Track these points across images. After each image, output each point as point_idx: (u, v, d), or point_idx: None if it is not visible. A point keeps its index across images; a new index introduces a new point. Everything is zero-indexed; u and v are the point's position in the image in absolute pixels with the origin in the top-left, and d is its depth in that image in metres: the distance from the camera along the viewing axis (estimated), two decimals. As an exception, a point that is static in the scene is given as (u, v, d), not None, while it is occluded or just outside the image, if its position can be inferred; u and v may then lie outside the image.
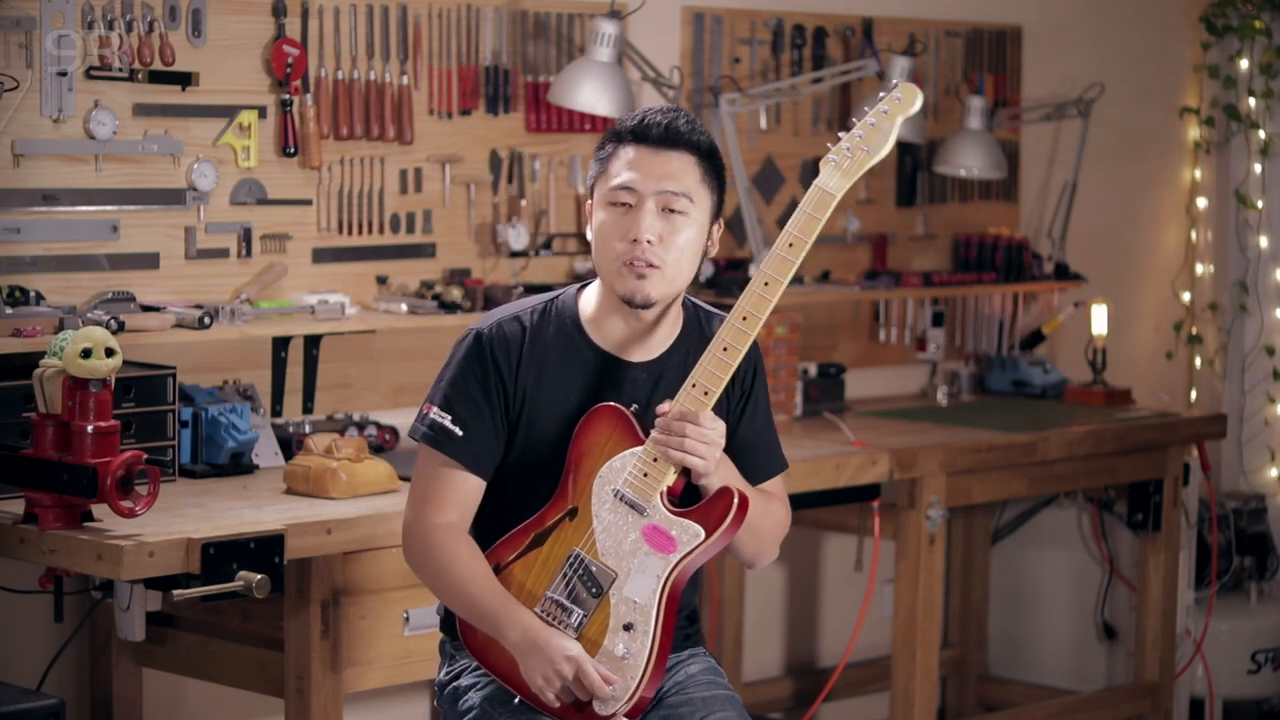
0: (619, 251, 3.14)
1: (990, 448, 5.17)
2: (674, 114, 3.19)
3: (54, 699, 3.73)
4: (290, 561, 3.81)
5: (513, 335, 3.20)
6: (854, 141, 3.12)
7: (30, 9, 4.22)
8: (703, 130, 3.20)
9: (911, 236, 6.00)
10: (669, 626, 3.10)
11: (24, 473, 3.75)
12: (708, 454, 3.10)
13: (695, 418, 3.09)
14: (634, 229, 3.13)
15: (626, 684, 3.08)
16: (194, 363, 4.44)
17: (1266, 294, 6.72)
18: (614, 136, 3.20)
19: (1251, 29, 6.62)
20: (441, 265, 4.91)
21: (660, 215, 3.14)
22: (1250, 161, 6.70)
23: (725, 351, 3.12)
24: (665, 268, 3.15)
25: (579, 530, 3.13)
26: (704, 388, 3.11)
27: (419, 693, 4.88)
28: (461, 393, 3.18)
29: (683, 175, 3.15)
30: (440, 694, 3.32)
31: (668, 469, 3.11)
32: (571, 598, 3.11)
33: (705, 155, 3.18)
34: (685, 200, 3.15)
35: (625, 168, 3.16)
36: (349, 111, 4.70)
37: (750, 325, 3.13)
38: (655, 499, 3.11)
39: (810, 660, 5.97)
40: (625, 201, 3.15)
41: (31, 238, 4.25)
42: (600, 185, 3.19)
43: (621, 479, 3.12)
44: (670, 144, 3.16)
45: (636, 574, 3.09)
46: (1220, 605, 6.13)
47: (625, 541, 3.11)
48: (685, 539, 3.11)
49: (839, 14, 5.74)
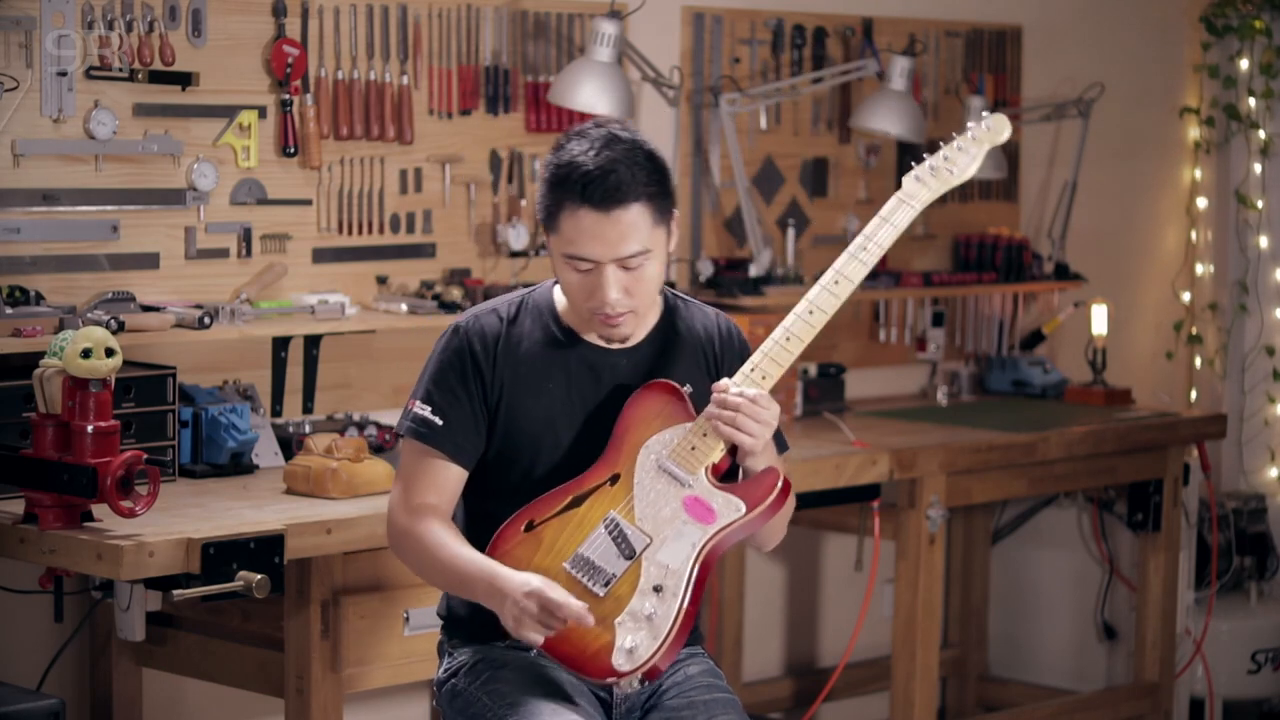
0: (587, 305, 3.18)
1: (990, 448, 5.17)
2: (609, 160, 3.10)
3: (54, 699, 3.73)
4: (290, 561, 3.81)
5: (490, 327, 3.25)
6: (940, 163, 3.22)
7: (30, 9, 4.22)
8: (640, 157, 3.13)
9: (911, 236, 6.00)
10: (697, 596, 3.10)
11: (24, 473, 3.75)
12: (758, 432, 3.13)
13: (752, 395, 3.13)
14: (598, 293, 3.15)
15: (650, 644, 3.06)
16: (194, 363, 4.44)
17: (1266, 294, 6.72)
18: (558, 186, 3.13)
19: (1251, 29, 6.62)
20: (441, 265, 4.91)
21: (622, 272, 3.14)
22: (1250, 161, 6.70)
23: (789, 341, 3.18)
24: (639, 309, 3.20)
25: (618, 495, 3.15)
26: (762, 372, 3.16)
27: (419, 693, 4.88)
28: (441, 385, 3.23)
29: (637, 233, 3.12)
30: (438, 692, 3.32)
31: (716, 444, 3.14)
32: (604, 558, 3.12)
33: (652, 193, 3.14)
34: (643, 253, 3.14)
35: (576, 234, 3.12)
36: (349, 111, 4.70)
37: (816, 320, 3.21)
38: (700, 472, 3.14)
39: (810, 660, 5.97)
40: (584, 269, 3.15)
41: (31, 238, 4.25)
42: (553, 241, 3.17)
43: (668, 451, 3.15)
44: (613, 204, 3.10)
45: (672, 540, 3.11)
46: (1220, 605, 6.13)
47: (664, 510, 3.13)
48: (726, 512, 3.13)
49: (839, 14, 5.74)
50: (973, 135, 3.23)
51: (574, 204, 3.11)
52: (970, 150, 3.23)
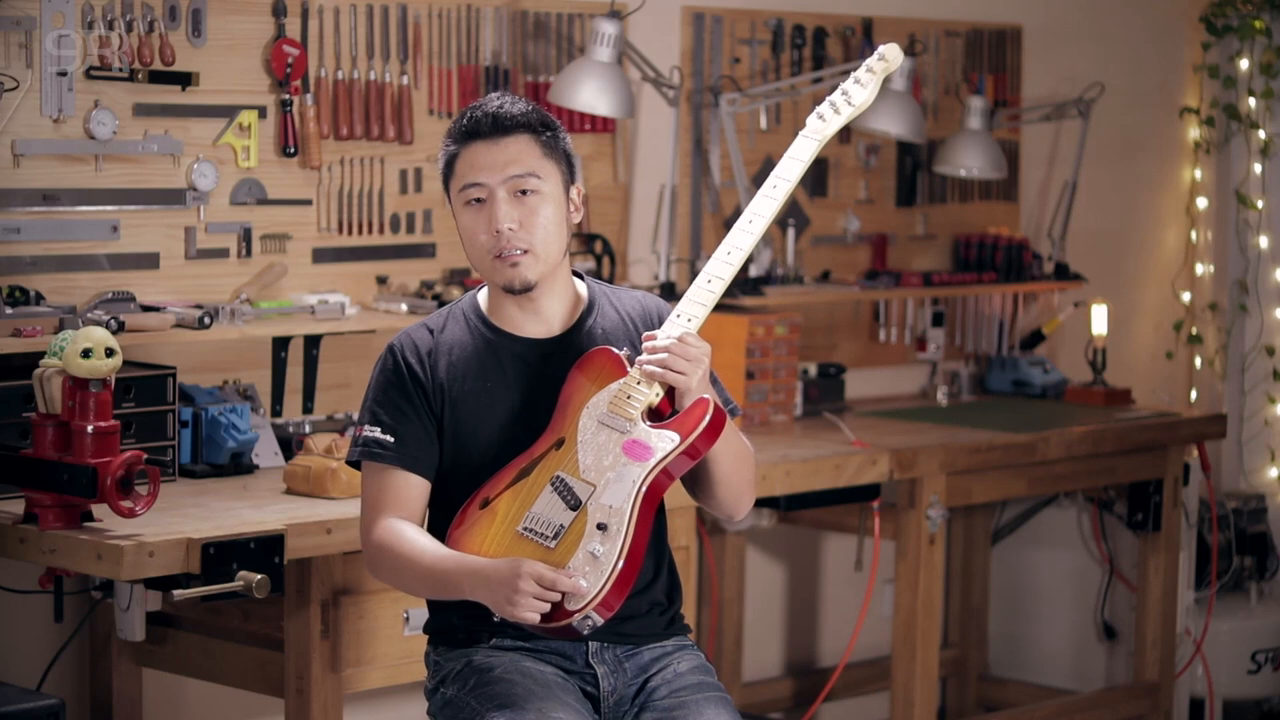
0: (486, 246, 3.24)
1: (990, 448, 5.17)
2: (499, 101, 3.27)
3: (54, 699, 3.73)
4: (290, 561, 3.82)
5: (421, 340, 3.31)
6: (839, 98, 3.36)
7: (30, 9, 4.22)
8: (532, 106, 3.29)
9: (911, 236, 6.00)
10: (643, 529, 3.13)
11: (24, 473, 3.75)
12: (689, 370, 3.18)
13: (678, 335, 3.19)
14: (493, 220, 3.22)
15: (596, 580, 3.09)
16: (194, 363, 4.44)
17: (1266, 294, 6.71)
18: (450, 138, 3.29)
19: (1251, 29, 6.62)
20: (441, 265, 4.91)
21: (513, 200, 3.23)
22: (1250, 161, 6.70)
23: (710, 283, 3.25)
24: (534, 248, 3.24)
25: (564, 456, 3.19)
26: (688, 316, 3.22)
27: (419, 693, 4.86)
28: (384, 404, 3.28)
29: (523, 156, 3.24)
30: (429, 702, 3.34)
31: (651, 388, 3.19)
32: (551, 512, 3.15)
33: (539, 129, 3.27)
34: (534, 179, 3.24)
35: (467, 168, 3.25)
36: (349, 111, 4.70)
37: (735, 258, 3.26)
38: (637, 418, 3.18)
39: (810, 660, 5.97)
40: (477, 197, 3.24)
41: (31, 238, 4.25)
42: (452, 189, 3.29)
43: (607, 405, 3.20)
44: (503, 131, 3.24)
45: (615, 483, 3.15)
46: (1220, 605, 6.13)
47: (606, 459, 3.17)
48: (661, 445, 3.16)
49: (839, 14, 5.74)
50: (868, 68, 3.37)
51: (466, 142, 3.26)
52: (865, 81, 3.38)
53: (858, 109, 3.38)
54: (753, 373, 5.22)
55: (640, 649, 3.31)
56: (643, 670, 3.31)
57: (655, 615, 3.33)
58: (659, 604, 3.34)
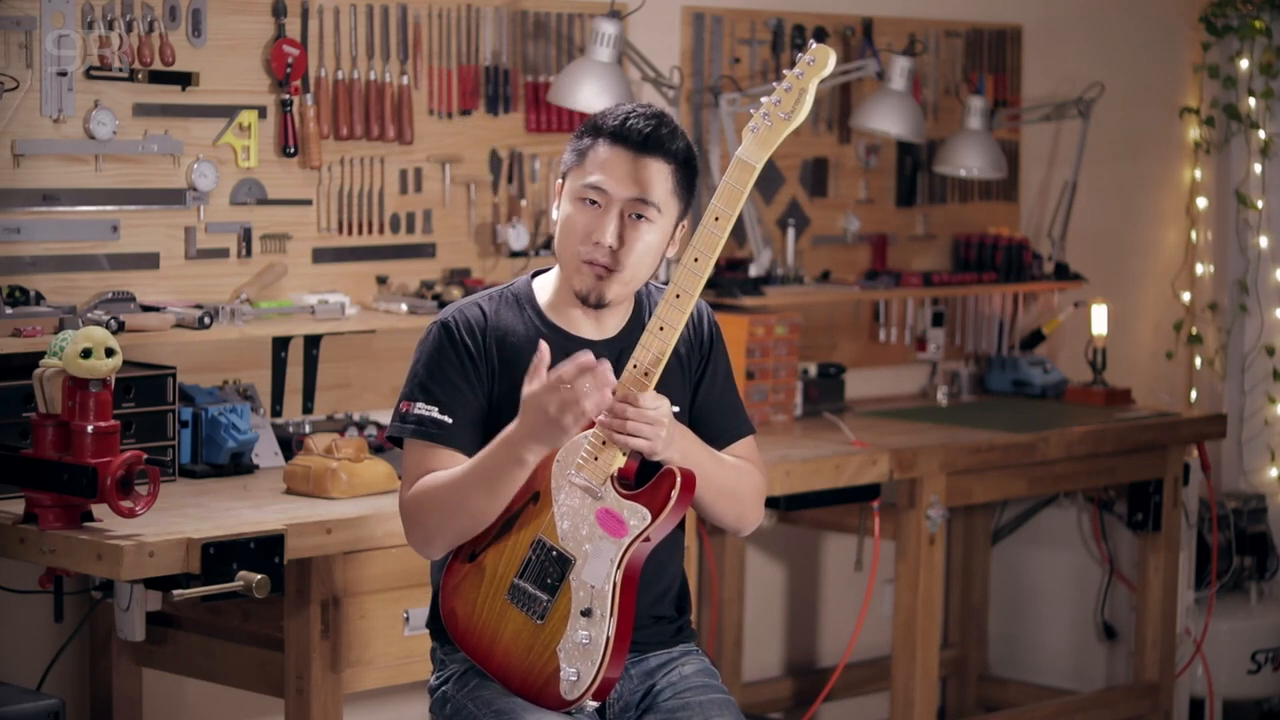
0: (580, 247, 3.18)
1: (990, 448, 5.18)
2: (657, 120, 3.18)
3: (54, 699, 3.73)
4: (290, 561, 3.82)
5: (475, 319, 3.23)
6: (772, 109, 3.10)
7: (30, 9, 4.22)
8: (683, 137, 3.21)
9: (911, 236, 6.00)
10: (627, 608, 3.11)
11: (24, 473, 3.75)
12: (651, 434, 3.09)
13: (636, 399, 3.08)
14: (598, 230, 3.16)
15: (589, 669, 3.09)
16: (194, 363, 4.44)
17: (1266, 294, 6.72)
18: (593, 130, 3.20)
19: (1251, 29, 6.62)
20: (441, 265, 4.91)
21: (626, 220, 3.16)
22: (1250, 161, 6.71)
23: (662, 330, 3.11)
24: (623, 271, 3.18)
25: (541, 514, 3.14)
26: (644, 369, 3.11)
27: (419, 693, 4.86)
28: (441, 382, 3.19)
29: (655, 185, 3.17)
30: (431, 698, 3.34)
31: (615, 452, 3.11)
32: (537, 584, 3.13)
33: (681, 164, 3.20)
34: (653, 210, 3.17)
35: (599, 167, 3.17)
36: (349, 111, 4.70)
37: (684, 303, 3.11)
38: (607, 482, 3.12)
39: (810, 660, 5.97)
40: (594, 200, 3.17)
41: (31, 238, 4.25)
42: (573, 177, 3.21)
43: (575, 463, 3.13)
44: (648, 150, 3.16)
45: (593, 558, 3.11)
46: (1220, 605, 6.13)
47: (582, 527, 3.12)
48: (634, 522, 3.11)
49: (839, 14, 5.74)
50: (798, 73, 3.09)
51: (609, 141, 3.17)
52: (797, 89, 3.08)
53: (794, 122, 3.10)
54: (753, 373, 5.22)
55: (646, 655, 3.31)
56: (648, 675, 3.30)
57: (664, 625, 3.33)
58: (668, 616, 3.33)
